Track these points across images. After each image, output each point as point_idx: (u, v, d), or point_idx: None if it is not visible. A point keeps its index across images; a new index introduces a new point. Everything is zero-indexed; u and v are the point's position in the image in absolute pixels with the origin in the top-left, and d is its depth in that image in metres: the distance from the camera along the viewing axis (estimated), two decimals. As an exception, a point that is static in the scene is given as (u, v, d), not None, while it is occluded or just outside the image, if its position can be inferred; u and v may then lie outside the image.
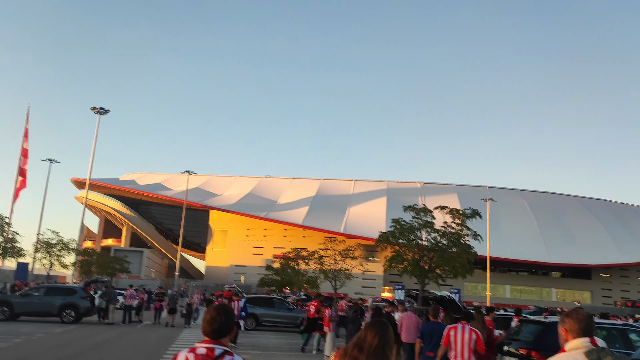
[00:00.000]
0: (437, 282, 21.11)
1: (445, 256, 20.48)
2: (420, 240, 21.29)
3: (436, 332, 8.30)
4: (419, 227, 21.72)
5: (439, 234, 21.07)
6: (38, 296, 23.08)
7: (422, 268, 20.56)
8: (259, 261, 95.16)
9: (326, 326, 14.03)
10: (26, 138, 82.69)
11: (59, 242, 34.11)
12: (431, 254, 20.60)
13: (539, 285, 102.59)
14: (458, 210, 22.16)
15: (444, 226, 21.48)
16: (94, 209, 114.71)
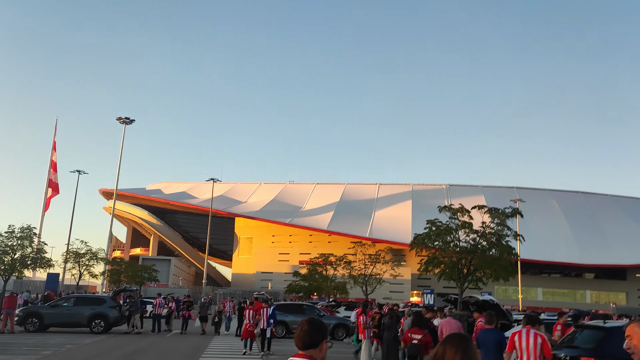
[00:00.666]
0: (477, 286, 20.25)
1: (486, 258, 19.59)
2: (458, 241, 20.38)
3: (492, 340, 7.71)
4: (457, 228, 20.81)
5: (478, 234, 20.14)
6: (67, 306, 22.96)
7: (461, 271, 19.69)
8: (285, 267, 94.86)
9: (361, 333, 13.45)
10: (54, 150, 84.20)
11: (88, 252, 34.27)
12: (470, 256, 19.69)
13: (572, 288, 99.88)
14: (497, 209, 21.25)
15: (482, 227, 20.56)
16: (122, 219, 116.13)
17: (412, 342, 10.34)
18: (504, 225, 20.48)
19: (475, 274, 19.81)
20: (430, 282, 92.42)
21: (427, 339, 10.35)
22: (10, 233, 21.85)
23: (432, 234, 20.85)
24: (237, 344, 20.40)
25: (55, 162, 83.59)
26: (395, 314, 13.25)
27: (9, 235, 21.77)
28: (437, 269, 20.94)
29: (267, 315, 17.24)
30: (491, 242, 19.79)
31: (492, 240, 19.83)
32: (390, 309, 13.08)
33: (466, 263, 19.77)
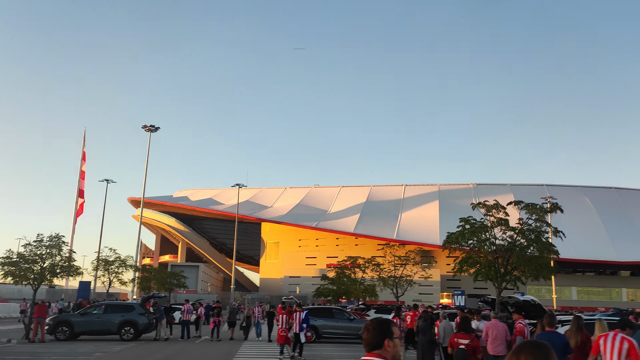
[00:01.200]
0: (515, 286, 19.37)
1: (525, 256, 18.76)
2: (495, 239, 19.44)
3: (557, 343, 7.14)
4: (492, 226, 19.89)
5: (515, 231, 19.23)
6: (97, 314, 22.93)
7: (498, 270, 18.78)
8: (312, 271, 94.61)
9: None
10: (84, 160, 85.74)
11: (117, 260, 34.47)
12: (507, 255, 18.74)
13: (607, 286, 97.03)
14: (535, 204, 20.33)
15: (520, 223, 19.63)
16: (151, 227, 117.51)
17: (459, 347, 9.84)
18: (543, 221, 19.53)
19: (513, 273, 18.86)
20: (460, 284, 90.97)
21: (474, 344, 9.84)
22: (39, 242, 21.95)
23: (466, 232, 19.88)
24: (267, 350, 20.08)
25: (84, 171, 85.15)
26: (430, 316, 12.70)
27: (38, 244, 21.88)
28: (472, 268, 19.99)
29: (299, 320, 17.01)
30: (529, 239, 18.86)
31: (531, 237, 18.90)
32: (425, 312, 12.53)
33: (503, 262, 18.83)
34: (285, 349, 17.31)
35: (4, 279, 21.60)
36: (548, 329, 7.86)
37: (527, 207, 20.12)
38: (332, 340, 23.52)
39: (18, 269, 21.01)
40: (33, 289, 22.40)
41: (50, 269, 21.71)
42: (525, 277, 19.34)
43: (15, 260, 21.15)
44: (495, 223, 19.59)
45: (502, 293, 19.52)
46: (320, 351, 19.89)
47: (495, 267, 18.69)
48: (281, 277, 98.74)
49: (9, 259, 21.11)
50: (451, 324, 12.96)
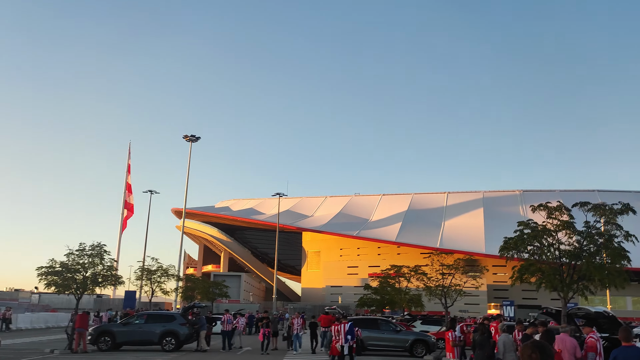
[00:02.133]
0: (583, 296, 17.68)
1: (595, 263, 17.06)
2: (559, 244, 17.79)
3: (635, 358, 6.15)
4: (556, 229, 18.25)
5: (582, 236, 17.55)
6: (139, 324, 22.66)
7: (563, 279, 17.10)
8: (354, 281, 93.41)
9: (449, 352, 11.94)
10: (129, 173, 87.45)
11: (159, 269, 34.47)
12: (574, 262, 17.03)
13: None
14: (604, 205, 18.71)
15: (587, 227, 17.95)
16: (194, 237, 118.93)
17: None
18: (614, 224, 17.78)
19: (581, 282, 17.11)
20: (508, 294, 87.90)
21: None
22: (81, 251, 21.88)
23: (525, 237, 18.25)
24: None
25: (130, 184, 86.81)
26: (487, 329, 11.64)
27: (80, 253, 21.80)
28: (533, 277, 18.21)
29: (344, 332, 16.24)
30: (599, 244, 17.13)
31: (599, 242, 17.17)
32: (481, 324, 11.48)
33: (569, 269, 17.14)
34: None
35: (47, 289, 21.63)
36: (625, 343, 6.85)
37: (596, 209, 18.40)
38: (378, 353, 22.48)
39: (61, 279, 20.96)
40: (76, 299, 22.32)
41: (92, 278, 21.58)
42: (595, 287, 17.56)
43: (58, 269, 21.11)
44: (559, 227, 17.90)
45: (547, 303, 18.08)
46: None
47: (560, 275, 17.01)
48: (323, 287, 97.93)
49: (52, 269, 21.10)
50: (511, 337, 11.87)
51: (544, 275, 17.44)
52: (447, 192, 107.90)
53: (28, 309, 49.04)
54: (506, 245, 18.94)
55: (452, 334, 11.89)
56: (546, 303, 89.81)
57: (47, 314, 43.87)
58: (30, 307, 51.05)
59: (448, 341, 11.97)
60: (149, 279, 33.86)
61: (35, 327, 41.32)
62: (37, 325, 41.89)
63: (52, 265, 21.33)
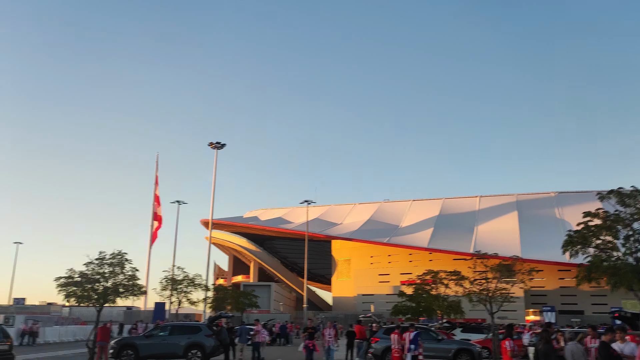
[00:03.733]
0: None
1: None
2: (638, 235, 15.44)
3: None
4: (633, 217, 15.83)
5: None
6: (163, 336, 21.45)
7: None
8: (386, 289, 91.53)
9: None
10: (157, 184, 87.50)
11: (185, 279, 33.50)
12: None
13: None
14: None
15: None
16: (223, 247, 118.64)
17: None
18: None
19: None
20: (547, 299, 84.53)
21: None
22: (101, 259, 20.89)
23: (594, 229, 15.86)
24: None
25: (158, 195, 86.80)
26: (550, 337, 10.01)
27: (100, 262, 20.82)
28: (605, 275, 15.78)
29: (409, 340, 15.99)
30: None
31: None
32: (544, 331, 9.88)
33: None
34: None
35: (66, 301, 20.68)
36: None
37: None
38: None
39: (81, 290, 19.99)
40: (96, 310, 21.31)
41: (113, 289, 20.55)
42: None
43: (77, 280, 20.16)
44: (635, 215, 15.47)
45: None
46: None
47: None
48: (354, 296, 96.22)
49: (71, 279, 20.16)
50: (580, 346, 10.21)
51: (619, 273, 15.08)
52: (479, 196, 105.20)
53: (58, 322, 48.79)
54: (571, 239, 16.52)
55: (510, 342, 10.28)
56: (587, 308, 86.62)
57: (76, 327, 43.42)
58: (60, 321, 50.85)
59: (505, 351, 10.34)
60: (175, 289, 32.88)
61: (64, 341, 40.85)
62: (66, 339, 41.44)
63: (71, 275, 20.36)
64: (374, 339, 21.82)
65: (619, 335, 8.99)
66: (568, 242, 15.92)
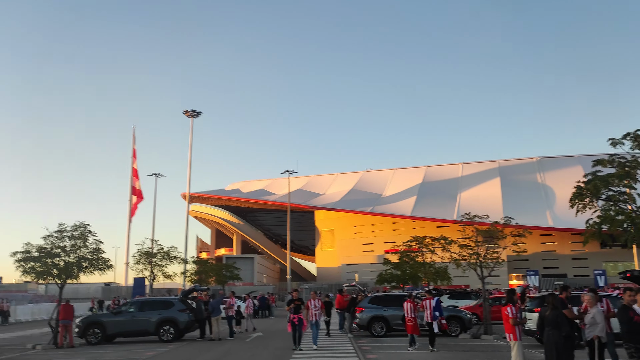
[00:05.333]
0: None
1: None
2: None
3: None
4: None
5: None
6: (132, 313, 19.85)
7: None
8: (370, 258, 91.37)
9: (508, 332, 9.14)
10: (135, 158, 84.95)
11: (160, 251, 31.97)
12: None
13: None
14: None
15: None
16: (205, 221, 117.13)
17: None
18: None
19: None
20: (529, 264, 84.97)
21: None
22: (61, 232, 19.17)
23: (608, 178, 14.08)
24: (337, 348, 16.62)
25: (136, 169, 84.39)
26: (560, 302, 8.81)
27: (60, 235, 19.11)
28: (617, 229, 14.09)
29: (431, 308, 15.81)
30: None
31: None
32: (551, 295, 8.66)
33: None
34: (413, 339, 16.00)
35: (24, 277, 19.05)
36: None
37: None
38: (406, 334, 19.79)
39: (40, 265, 18.34)
40: (58, 287, 19.71)
41: (76, 264, 18.92)
42: None
43: (36, 255, 18.48)
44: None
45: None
46: (396, 349, 16.26)
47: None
48: (338, 266, 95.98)
49: (28, 254, 18.47)
50: (601, 310, 9.05)
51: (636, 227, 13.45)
52: (461, 163, 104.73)
53: (33, 300, 47.13)
54: (580, 191, 14.71)
55: (512, 309, 9.02)
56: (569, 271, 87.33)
57: (50, 305, 41.83)
58: (35, 299, 49.18)
59: (507, 318, 9.09)
60: (149, 262, 31.39)
61: (37, 319, 39.37)
62: (40, 317, 39.94)
63: (28, 250, 18.65)
64: (358, 309, 20.69)
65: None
66: (577, 194, 14.35)
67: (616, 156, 14.41)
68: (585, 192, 14.09)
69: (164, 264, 31.71)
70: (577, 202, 14.49)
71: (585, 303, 9.27)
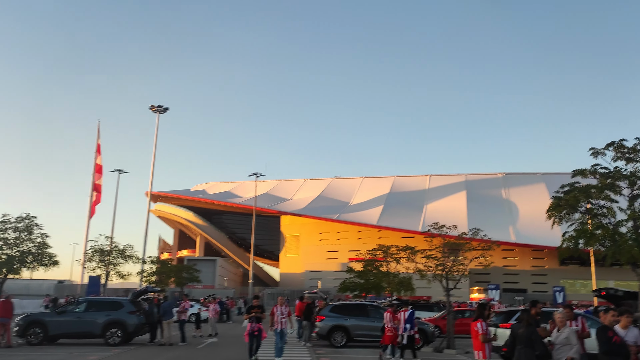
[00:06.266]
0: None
1: None
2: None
3: None
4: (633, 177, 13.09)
5: None
6: (77, 313, 18.59)
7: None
8: (334, 266, 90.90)
9: (477, 349, 8.52)
10: (99, 153, 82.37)
11: (114, 249, 30.50)
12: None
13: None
14: None
15: None
16: (169, 221, 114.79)
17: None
18: None
19: None
20: (490, 277, 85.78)
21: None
22: (3, 223, 17.84)
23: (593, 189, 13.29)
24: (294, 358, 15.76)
25: (100, 165, 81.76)
26: (534, 318, 8.26)
27: (3, 227, 17.77)
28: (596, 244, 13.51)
29: (404, 319, 15.52)
30: None
31: None
32: (525, 311, 8.08)
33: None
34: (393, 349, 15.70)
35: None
36: None
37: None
38: (367, 344, 19.11)
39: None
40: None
41: (19, 258, 17.61)
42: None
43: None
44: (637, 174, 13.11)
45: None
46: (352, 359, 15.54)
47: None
48: (302, 272, 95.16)
49: (-35, 247, 17.11)
50: (575, 330, 8.51)
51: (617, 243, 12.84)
52: (429, 174, 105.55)
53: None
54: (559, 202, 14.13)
55: (482, 324, 8.42)
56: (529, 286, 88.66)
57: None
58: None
59: (476, 334, 8.47)
60: (102, 260, 29.92)
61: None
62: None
63: (-35, 242, 17.28)
64: (319, 317, 19.90)
65: (625, 318, 7.24)
66: (555, 205, 13.76)
67: (598, 166, 13.93)
68: (564, 204, 13.55)
69: (118, 262, 30.33)
70: (554, 214, 13.98)
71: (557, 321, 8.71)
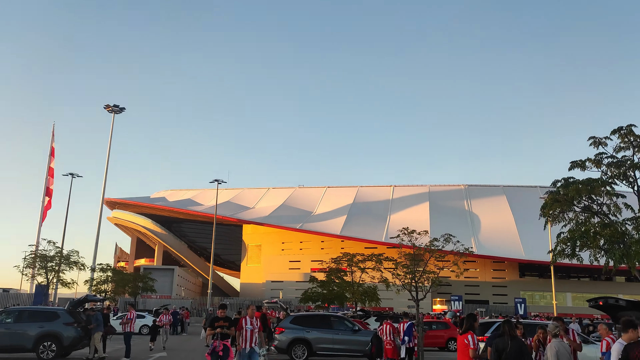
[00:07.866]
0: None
1: None
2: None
3: None
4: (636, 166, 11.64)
5: None
6: (7, 324, 16.58)
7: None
8: (296, 276, 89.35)
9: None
10: (52, 157, 78.67)
11: (57, 255, 28.10)
12: None
13: (603, 292, 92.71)
14: None
15: None
16: (126, 229, 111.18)
17: None
18: None
19: None
20: (452, 289, 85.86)
21: None
22: None
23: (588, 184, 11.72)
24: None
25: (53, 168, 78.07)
26: (515, 332, 7.11)
27: None
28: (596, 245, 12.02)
29: (402, 332, 15.20)
30: None
31: None
32: (506, 322, 6.93)
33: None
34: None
35: None
36: None
37: None
38: (330, 358, 17.72)
39: None
40: None
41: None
42: None
43: None
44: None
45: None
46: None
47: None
48: (263, 282, 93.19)
49: None
50: (566, 344, 7.37)
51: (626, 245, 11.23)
52: (393, 185, 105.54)
53: None
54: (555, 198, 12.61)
55: (473, 337, 7.18)
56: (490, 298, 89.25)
57: None
58: None
59: (464, 348, 7.22)
60: (44, 267, 27.53)
61: None
62: None
63: None
64: (278, 329, 18.40)
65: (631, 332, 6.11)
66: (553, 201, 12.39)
67: (603, 155, 12.53)
68: (562, 199, 12.16)
69: (61, 269, 27.96)
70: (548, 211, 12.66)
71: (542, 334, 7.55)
